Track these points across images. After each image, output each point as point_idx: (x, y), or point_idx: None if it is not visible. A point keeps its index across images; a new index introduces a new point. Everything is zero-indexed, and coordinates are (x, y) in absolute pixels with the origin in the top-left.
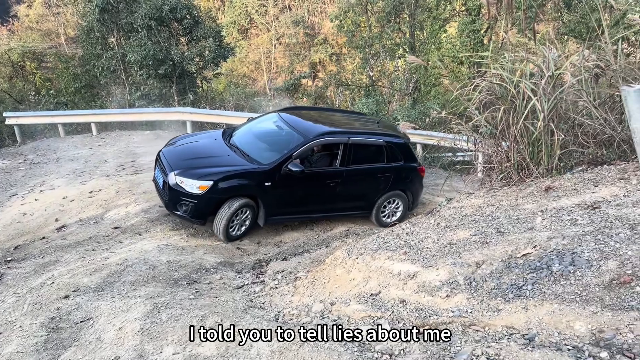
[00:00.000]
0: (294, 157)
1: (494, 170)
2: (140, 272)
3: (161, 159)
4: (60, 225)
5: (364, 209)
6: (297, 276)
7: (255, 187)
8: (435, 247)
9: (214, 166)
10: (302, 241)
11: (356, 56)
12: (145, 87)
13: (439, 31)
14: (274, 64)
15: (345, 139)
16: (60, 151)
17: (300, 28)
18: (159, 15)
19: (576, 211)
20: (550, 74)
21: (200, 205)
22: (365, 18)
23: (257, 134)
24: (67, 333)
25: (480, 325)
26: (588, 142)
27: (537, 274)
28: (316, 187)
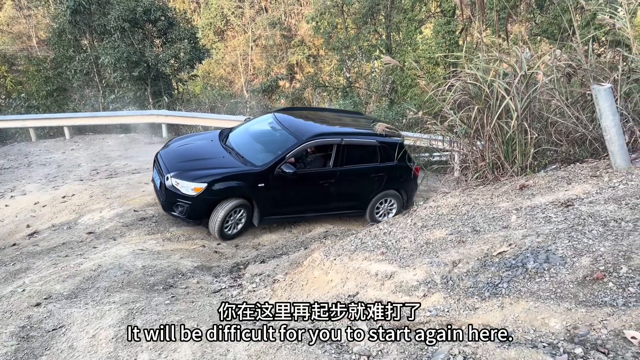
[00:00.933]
0: (287, 158)
1: (470, 169)
2: (115, 277)
3: (159, 161)
4: (32, 232)
5: (358, 208)
6: (275, 279)
7: (249, 189)
8: (412, 247)
9: (208, 168)
10: (280, 243)
11: (333, 58)
12: (120, 90)
13: (415, 32)
14: (251, 65)
15: (338, 140)
16: (32, 156)
17: (277, 30)
18: (133, 17)
19: (550, 209)
20: (523, 74)
21: (195, 206)
22: (341, 19)
23: (253, 134)
24: (38, 342)
25: (457, 325)
26: (561, 141)
27: (512, 272)
28: (310, 188)
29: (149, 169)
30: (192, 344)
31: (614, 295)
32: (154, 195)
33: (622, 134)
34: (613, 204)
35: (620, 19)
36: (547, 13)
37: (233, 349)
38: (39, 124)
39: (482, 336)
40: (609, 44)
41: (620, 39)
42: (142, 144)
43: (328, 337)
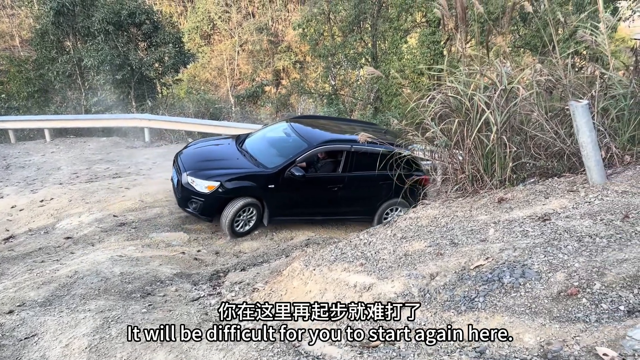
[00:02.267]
0: (298, 162)
1: (450, 181)
2: (92, 284)
3: (178, 161)
4: (8, 236)
5: (366, 214)
6: (254, 287)
7: (260, 189)
8: (391, 259)
9: (222, 168)
10: (261, 251)
11: (319, 64)
12: (102, 93)
13: (400, 42)
14: (237, 70)
15: (348, 146)
16: (11, 158)
17: (264, 35)
18: (117, 20)
19: (527, 223)
20: (503, 88)
21: (208, 203)
22: (328, 27)
23: (267, 139)
24: (9, 351)
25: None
26: (540, 154)
27: (488, 285)
28: (318, 191)
29: (130, 173)
30: (169, 353)
31: (587, 312)
32: (134, 201)
33: (599, 149)
34: (588, 219)
35: (599, 34)
36: (530, 26)
37: (209, 358)
38: (19, 126)
39: (457, 350)
40: (589, 59)
41: (599, 55)
42: (124, 148)
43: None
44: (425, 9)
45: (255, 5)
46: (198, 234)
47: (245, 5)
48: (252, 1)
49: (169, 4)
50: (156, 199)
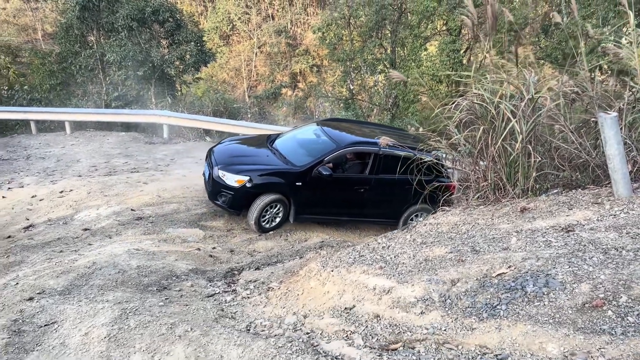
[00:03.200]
0: (325, 161)
1: (471, 189)
2: (109, 276)
3: (211, 155)
4: (28, 225)
5: (391, 217)
6: (269, 286)
7: (287, 186)
8: (411, 263)
9: (252, 164)
10: (275, 251)
11: (337, 69)
12: (123, 88)
13: (420, 49)
14: (255, 71)
15: (376, 149)
16: (32, 148)
17: (283, 38)
18: (141, 17)
19: (550, 233)
20: (530, 97)
21: (237, 197)
22: (347, 32)
23: (297, 140)
24: (29, 337)
25: (453, 344)
26: (563, 166)
27: (511, 294)
28: (345, 192)
29: (148, 168)
30: (187, 346)
31: (613, 324)
32: (152, 196)
33: (626, 162)
34: (614, 232)
35: (625, 47)
36: (551, 38)
37: (227, 354)
38: (41, 117)
39: (479, 357)
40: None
41: (626, 68)
42: (142, 143)
43: (326, 353)
44: (447, 17)
45: (275, 8)
46: (213, 231)
47: (266, 7)
48: (272, 3)
49: (189, 3)
50: (173, 195)
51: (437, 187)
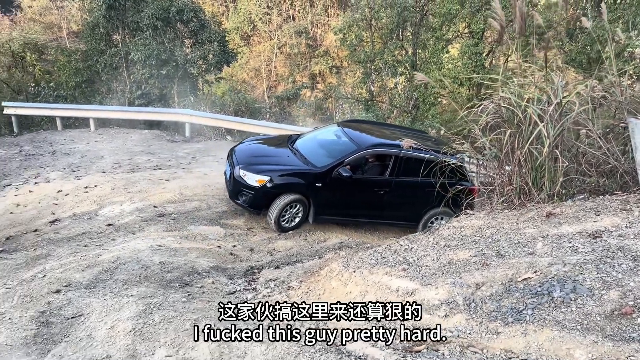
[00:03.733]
0: (346, 163)
1: (495, 192)
2: (133, 271)
3: (232, 155)
4: (53, 219)
5: (411, 220)
6: (289, 285)
7: (307, 187)
8: (435, 266)
9: (272, 164)
10: (295, 251)
11: (357, 70)
12: (147, 87)
13: (442, 51)
14: (274, 72)
15: (397, 151)
16: (57, 144)
17: (303, 38)
18: (166, 16)
19: (577, 239)
20: (559, 101)
21: (257, 196)
22: (368, 33)
23: (317, 140)
24: (57, 328)
25: (478, 347)
26: (590, 171)
27: (537, 299)
28: (364, 193)
29: (170, 166)
30: (209, 344)
31: None
32: (174, 193)
33: None
34: None
35: None
36: (576, 42)
37: (251, 351)
38: (67, 114)
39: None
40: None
41: None
42: (165, 142)
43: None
44: (470, 20)
45: (296, 9)
46: (234, 229)
47: (287, 8)
48: (293, 4)
49: (211, 3)
50: (195, 193)
51: (459, 191)
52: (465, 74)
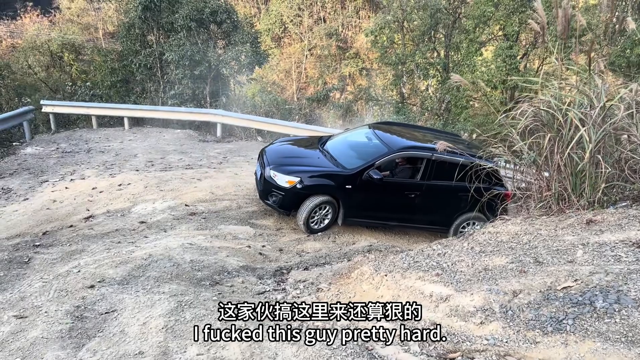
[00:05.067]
0: (376, 165)
1: (533, 198)
2: (165, 268)
3: (263, 155)
4: (88, 215)
5: (442, 224)
6: (319, 287)
7: (337, 188)
8: (470, 272)
9: (303, 165)
10: (323, 252)
11: (388, 72)
12: (180, 87)
13: (475, 53)
14: (304, 74)
15: (429, 154)
16: (92, 142)
17: (333, 40)
18: (200, 17)
19: (620, 248)
20: (602, 105)
21: (287, 197)
22: (400, 35)
23: (348, 142)
24: (91, 323)
25: (515, 357)
26: (633, 178)
27: (578, 308)
28: (395, 196)
29: (202, 166)
30: (240, 344)
31: None
32: (205, 192)
33: None
34: None
35: None
36: (615, 45)
37: (282, 352)
38: (102, 113)
39: None
40: None
41: None
42: (196, 141)
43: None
44: (504, 22)
45: (327, 11)
46: (263, 229)
47: (317, 10)
48: (324, 6)
49: (244, 5)
50: (226, 192)
51: (493, 196)
52: (499, 77)
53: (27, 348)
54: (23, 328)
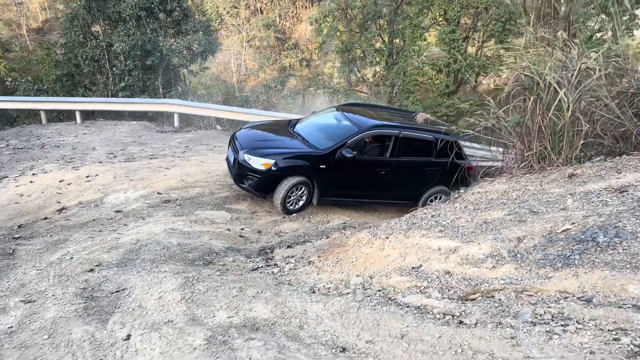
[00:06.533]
0: (348, 144)
1: (515, 159)
2: (156, 251)
3: (235, 140)
4: (60, 207)
5: (410, 199)
6: (310, 260)
7: (311, 169)
8: (471, 226)
9: (277, 148)
10: (301, 232)
11: (335, 60)
12: (130, 78)
13: (420, 38)
14: (244, 66)
15: (396, 132)
16: (44, 137)
17: (272, 31)
18: (149, 6)
19: (605, 194)
20: (578, 69)
21: (263, 179)
22: (344, 22)
23: (318, 124)
24: (105, 301)
25: (532, 291)
26: (605, 135)
27: (582, 245)
28: (367, 174)
29: (165, 155)
30: (266, 304)
31: None
32: (176, 180)
33: None
34: None
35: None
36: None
37: (310, 308)
38: (52, 107)
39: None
40: None
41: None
42: (154, 132)
43: (408, 304)
44: (446, 7)
45: (263, 2)
46: (239, 213)
47: (254, 1)
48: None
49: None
50: (196, 180)
51: (457, 168)
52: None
53: (49, 327)
54: (35, 311)
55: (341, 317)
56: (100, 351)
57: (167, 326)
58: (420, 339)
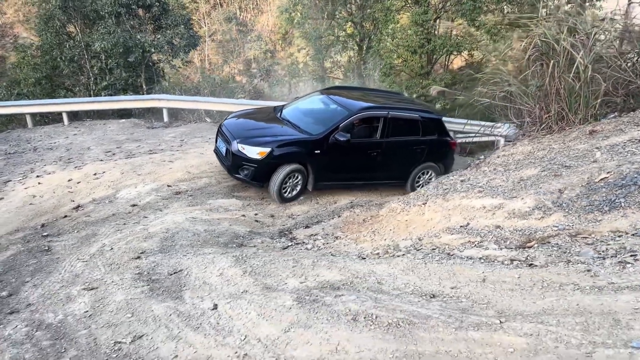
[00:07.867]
0: (340, 128)
1: (534, 122)
2: (189, 237)
3: (223, 131)
4: (76, 205)
5: (401, 178)
6: (336, 236)
7: (306, 155)
8: (508, 184)
9: (270, 135)
10: (312, 213)
11: (308, 47)
12: (111, 77)
13: (392, 21)
14: (207, 60)
15: (385, 113)
16: (35, 141)
17: (233, 24)
18: (127, 2)
19: (630, 145)
20: (590, 32)
21: (260, 169)
22: (316, 10)
23: (305, 109)
24: (167, 282)
25: (586, 234)
26: (618, 92)
27: (625, 189)
28: (359, 157)
29: (164, 150)
30: (329, 270)
31: None
32: (182, 172)
33: None
34: None
35: None
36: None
37: (376, 269)
38: (38, 110)
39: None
40: None
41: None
42: (145, 128)
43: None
44: None
45: None
46: (249, 200)
47: None
48: None
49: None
50: (201, 171)
51: (440, 145)
52: (417, 42)
53: (126, 308)
54: (102, 296)
55: (413, 272)
56: (193, 321)
57: (247, 294)
58: (501, 281)
